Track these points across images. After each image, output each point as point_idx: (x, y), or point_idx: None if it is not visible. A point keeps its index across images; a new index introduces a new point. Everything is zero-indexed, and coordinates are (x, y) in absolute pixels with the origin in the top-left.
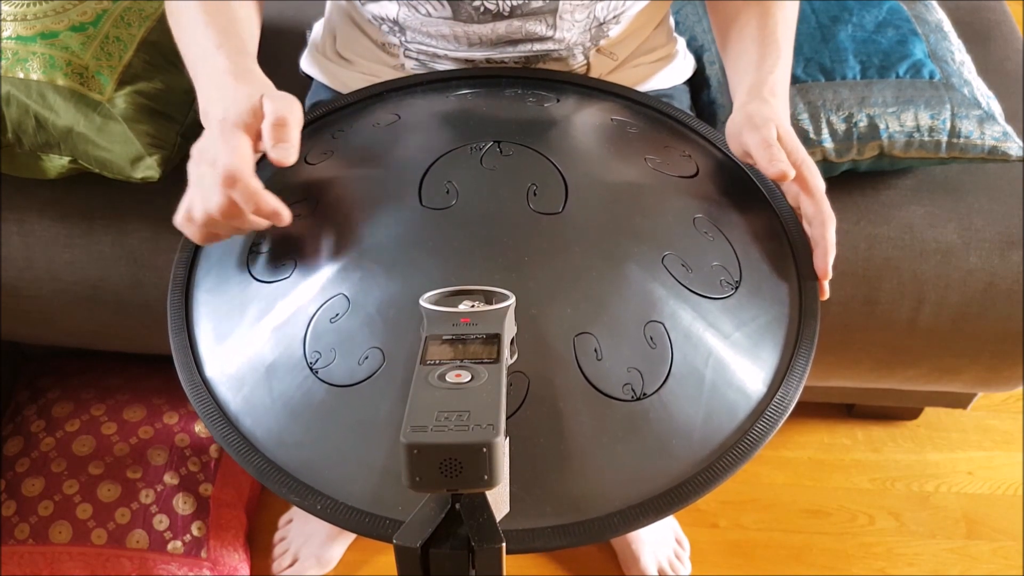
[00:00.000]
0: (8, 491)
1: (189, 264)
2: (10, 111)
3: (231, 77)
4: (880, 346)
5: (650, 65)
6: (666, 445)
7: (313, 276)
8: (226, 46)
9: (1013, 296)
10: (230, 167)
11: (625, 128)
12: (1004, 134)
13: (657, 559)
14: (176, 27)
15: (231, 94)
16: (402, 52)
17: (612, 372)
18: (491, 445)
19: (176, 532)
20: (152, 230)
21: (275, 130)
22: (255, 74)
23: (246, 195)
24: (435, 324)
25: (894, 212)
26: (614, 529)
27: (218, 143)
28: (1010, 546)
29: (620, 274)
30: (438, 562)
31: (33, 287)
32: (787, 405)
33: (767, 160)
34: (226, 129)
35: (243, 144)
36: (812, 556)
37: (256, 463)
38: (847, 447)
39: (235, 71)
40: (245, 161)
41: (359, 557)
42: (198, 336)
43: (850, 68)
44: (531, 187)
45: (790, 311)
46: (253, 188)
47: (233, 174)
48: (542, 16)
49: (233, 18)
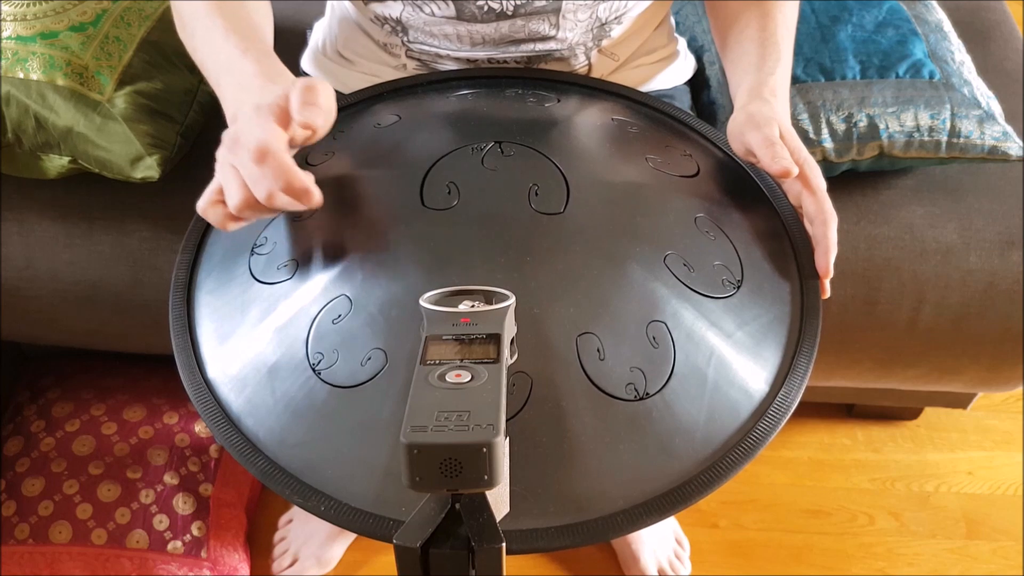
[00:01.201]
0: (8, 491)
1: (190, 265)
2: (10, 111)
3: (263, 79)
4: (880, 346)
5: (651, 66)
6: (669, 445)
7: (315, 277)
8: (252, 51)
9: (1013, 296)
10: (261, 142)
11: (626, 128)
12: (1004, 134)
13: (657, 559)
14: (191, 37)
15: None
16: (404, 52)
17: (615, 372)
18: (491, 445)
19: (176, 532)
20: (152, 230)
21: (304, 93)
22: (286, 74)
23: (277, 171)
24: (435, 324)
25: (894, 212)
26: (617, 529)
27: (251, 124)
28: (1010, 546)
29: (622, 274)
30: (438, 562)
31: (33, 287)
32: (790, 404)
33: (770, 158)
34: (260, 112)
35: (275, 124)
36: (812, 556)
37: (259, 464)
38: (847, 447)
39: (267, 73)
40: (277, 137)
41: (359, 557)
42: (200, 337)
43: (850, 68)
44: (532, 187)
45: (792, 310)
46: (286, 165)
47: (264, 148)
48: (545, 16)
49: (252, 24)
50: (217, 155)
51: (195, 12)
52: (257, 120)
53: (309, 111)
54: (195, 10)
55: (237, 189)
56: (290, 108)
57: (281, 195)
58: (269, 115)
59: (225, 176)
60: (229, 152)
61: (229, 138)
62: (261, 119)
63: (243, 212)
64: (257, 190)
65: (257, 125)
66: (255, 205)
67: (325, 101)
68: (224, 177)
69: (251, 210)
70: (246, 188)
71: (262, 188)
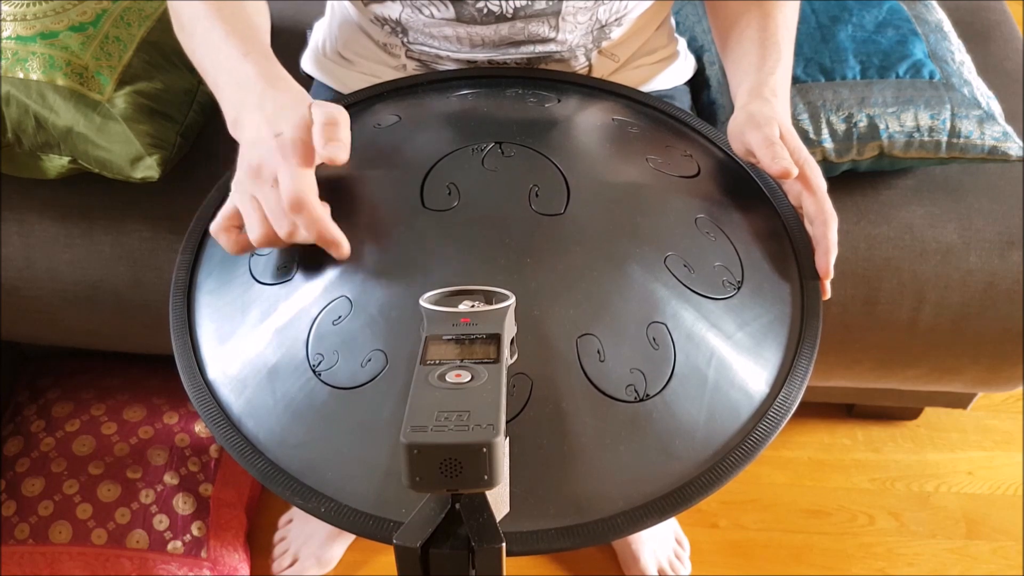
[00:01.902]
0: (8, 491)
1: (191, 266)
2: (10, 111)
3: (264, 83)
4: (880, 346)
5: (651, 66)
6: (669, 446)
7: (315, 278)
8: (253, 54)
9: (1013, 296)
10: (296, 193)
11: (626, 128)
12: (1004, 134)
13: (657, 559)
14: (190, 38)
15: (271, 104)
16: (404, 53)
17: (615, 373)
18: (491, 445)
19: (176, 532)
20: (152, 230)
21: (326, 129)
22: (288, 80)
23: (310, 222)
24: (435, 324)
25: (894, 212)
26: (617, 530)
27: (277, 161)
28: (1010, 546)
29: (622, 275)
30: (438, 562)
31: (33, 287)
32: (790, 405)
33: (770, 158)
34: (285, 148)
35: (306, 169)
36: (812, 556)
37: (259, 465)
38: (847, 447)
39: (267, 77)
40: (310, 187)
41: (359, 557)
42: (200, 338)
43: (850, 68)
44: (533, 188)
45: (792, 310)
46: (318, 216)
47: (300, 200)
48: (545, 18)
49: (252, 25)
50: (234, 183)
51: (195, 14)
52: (282, 159)
53: (333, 148)
54: (194, 11)
55: (259, 223)
56: (314, 143)
57: (303, 232)
58: (295, 154)
59: (246, 208)
60: (250, 183)
61: (250, 167)
62: (287, 159)
63: (262, 246)
64: (279, 228)
65: (286, 169)
66: (275, 241)
67: (345, 135)
68: (244, 209)
69: (270, 245)
70: (267, 223)
71: (285, 227)
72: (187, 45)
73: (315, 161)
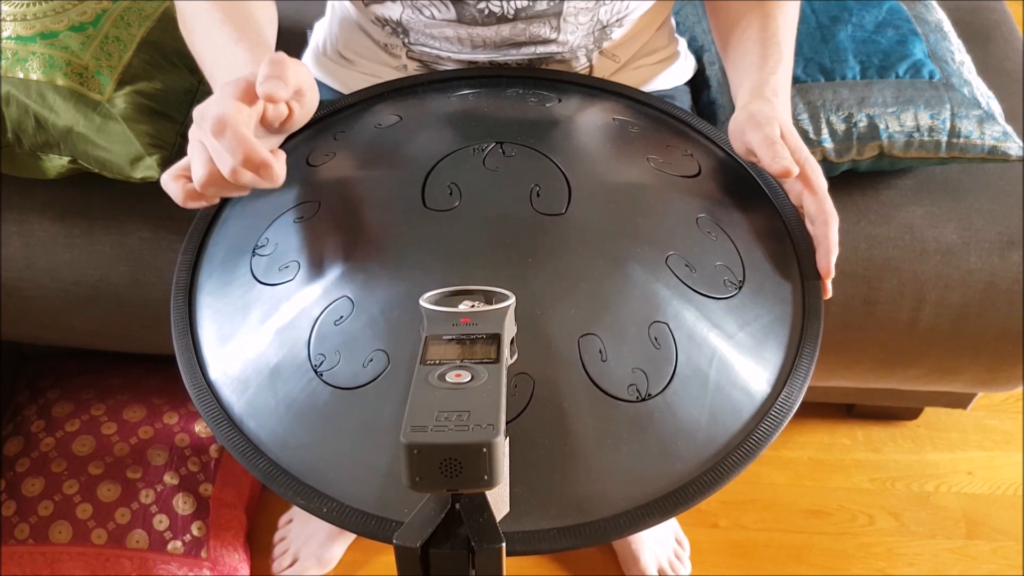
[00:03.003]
0: (8, 491)
1: (192, 266)
2: (10, 111)
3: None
4: (880, 346)
5: (652, 67)
6: (671, 446)
7: (317, 278)
8: (245, 41)
9: (1013, 296)
10: (219, 114)
11: (627, 128)
12: (1004, 134)
13: (657, 559)
14: (191, 32)
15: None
16: (405, 53)
17: (617, 373)
18: (491, 445)
19: (176, 532)
20: (152, 230)
21: (270, 67)
22: None
23: (234, 140)
24: (435, 324)
25: (894, 212)
26: (619, 530)
27: (217, 99)
28: (1010, 546)
29: (624, 275)
30: (438, 562)
31: (33, 287)
32: (791, 405)
33: (771, 157)
34: (226, 87)
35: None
36: (812, 556)
37: (261, 466)
38: (847, 447)
39: (259, 61)
40: (236, 109)
41: (359, 557)
42: (201, 339)
43: (850, 68)
44: (534, 188)
45: (793, 310)
46: (241, 133)
47: (222, 119)
48: (546, 19)
49: (250, 18)
50: (189, 133)
51: (197, 10)
52: (221, 97)
53: (272, 83)
54: (197, 8)
55: (202, 164)
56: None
57: (244, 171)
58: (232, 89)
59: (192, 152)
60: (197, 128)
61: (198, 114)
62: (226, 96)
63: (207, 188)
64: (221, 164)
65: (220, 102)
66: (219, 181)
67: (294, 76)
68: (191, 153)
69: (215, 187)
70: (211, 163)
71: (226, 163)
72: (189, 40)
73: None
